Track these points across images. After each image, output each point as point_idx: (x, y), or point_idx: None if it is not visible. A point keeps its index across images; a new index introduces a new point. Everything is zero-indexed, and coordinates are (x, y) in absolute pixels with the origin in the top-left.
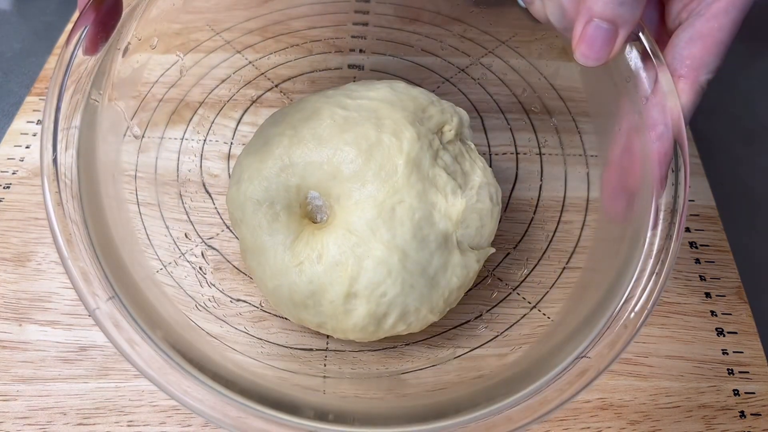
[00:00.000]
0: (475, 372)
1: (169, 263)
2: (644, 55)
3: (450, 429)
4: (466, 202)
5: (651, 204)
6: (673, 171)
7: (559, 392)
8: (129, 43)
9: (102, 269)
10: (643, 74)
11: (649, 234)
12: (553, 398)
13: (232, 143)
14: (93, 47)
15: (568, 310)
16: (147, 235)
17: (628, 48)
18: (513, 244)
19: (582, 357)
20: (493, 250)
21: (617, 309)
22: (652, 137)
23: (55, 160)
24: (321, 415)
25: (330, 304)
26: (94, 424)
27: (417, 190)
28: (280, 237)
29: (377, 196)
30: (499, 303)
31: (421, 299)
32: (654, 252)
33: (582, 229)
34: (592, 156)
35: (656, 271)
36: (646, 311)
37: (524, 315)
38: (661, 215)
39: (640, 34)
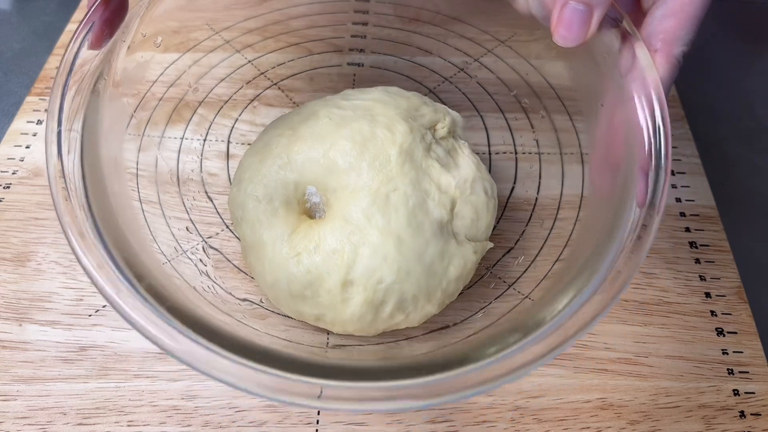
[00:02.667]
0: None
1: (172, 260)
2: (622, 34)
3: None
4: (461, 193)
5: (635, 177)
6: (656, 158)
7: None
8: (133, 40)
9: (113, 258)
10: (622, 52)
11: (633, 208)
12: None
13: (231, 143)
14: (98, 43)
15: (551, 285)
16: (150, 231)
17: (606, 28)
18: (512, 242)
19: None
20: (491, 245)
21: (598, 279)
22: (634, 108)
23: (60, 157)
24: (326, 372)
25: (327, 293)
26: (94, 424)
27: (410, 178)
28: (278, 231)
29: (372, 185)
30: (496, 298)
31: (419, 287)
32: (638, 225)
33: (575, 224)
34: (587, 154)
35: (638, 239)
36: (626, 281)
37: (517, 304)
38: (649, 188)
39: (617, 16)
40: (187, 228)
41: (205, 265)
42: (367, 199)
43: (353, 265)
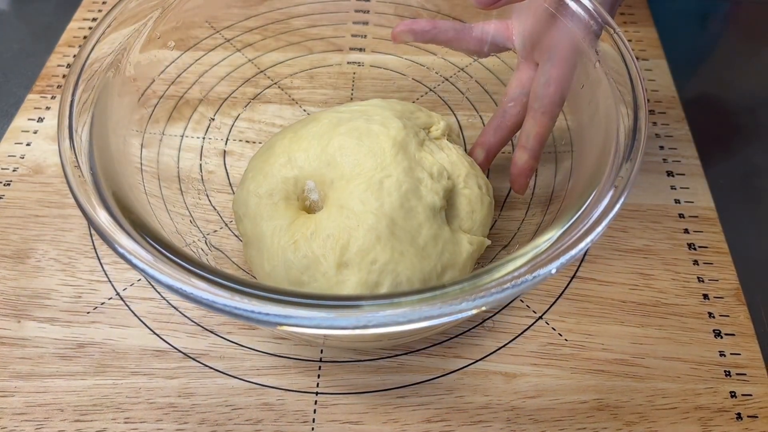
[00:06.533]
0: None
1: None
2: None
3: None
4: (454, 185)
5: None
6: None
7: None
8: (149, 38)
9: (140, 236)
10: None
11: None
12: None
13: (231, 141)
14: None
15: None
16: (157, 220)
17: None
18: (509, 240)
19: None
20: (488, 242)
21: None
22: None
23: (72, 146)
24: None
25: (323, 276)
26: (91, 421)
27: (403, 167)
28: (277, 222)
29: (366, 174)
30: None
31: (413, 269)
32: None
33: (561, 204)
34: (576, 151)
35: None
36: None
37: (531, 326)
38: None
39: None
40: (190, 222)
41: (208, 261)
42: (362, 186)
43: (347, 246)
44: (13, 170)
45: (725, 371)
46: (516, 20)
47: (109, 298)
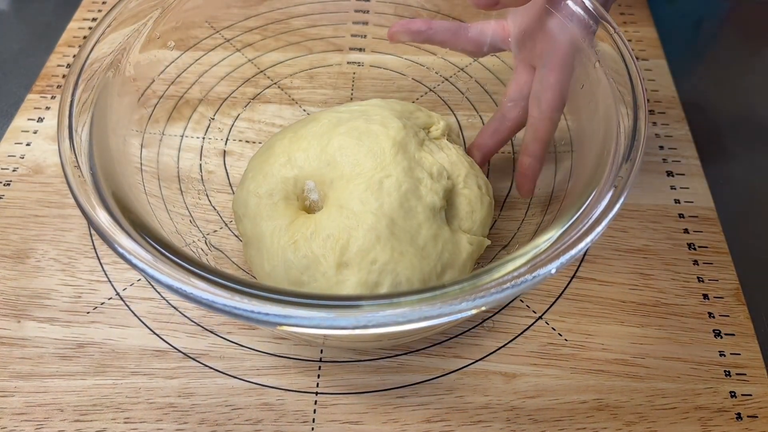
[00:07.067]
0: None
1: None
2: None
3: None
4: (454, 185)
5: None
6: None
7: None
8: (149, 38)
9: (141, 236)
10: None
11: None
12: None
13: (231, 140)
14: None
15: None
16: (157, 220)
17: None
18: (508, 240)
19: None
20: (488, 242)
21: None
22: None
23: (72, 146)
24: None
25: (323, 276)
26: (90, 421)
27: (403, 167)
28: (277, 222)
29: (366, 174)
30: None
31: (413, 269)
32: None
33: (561, 204)
34: (575, 151)
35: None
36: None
37: (530, 326)
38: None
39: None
40: (190, 222)
41: (208, 261)
42: (362, 186)
43: (347, 246)
44: (13, 170)
45: (725, 371)
46: (511, 22)
47: (109, 298)
